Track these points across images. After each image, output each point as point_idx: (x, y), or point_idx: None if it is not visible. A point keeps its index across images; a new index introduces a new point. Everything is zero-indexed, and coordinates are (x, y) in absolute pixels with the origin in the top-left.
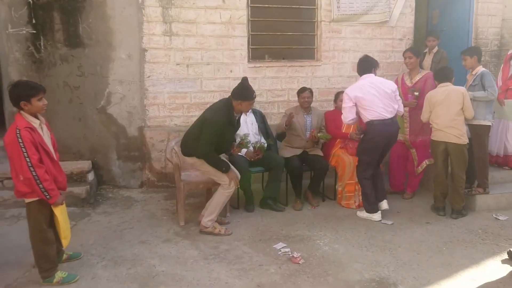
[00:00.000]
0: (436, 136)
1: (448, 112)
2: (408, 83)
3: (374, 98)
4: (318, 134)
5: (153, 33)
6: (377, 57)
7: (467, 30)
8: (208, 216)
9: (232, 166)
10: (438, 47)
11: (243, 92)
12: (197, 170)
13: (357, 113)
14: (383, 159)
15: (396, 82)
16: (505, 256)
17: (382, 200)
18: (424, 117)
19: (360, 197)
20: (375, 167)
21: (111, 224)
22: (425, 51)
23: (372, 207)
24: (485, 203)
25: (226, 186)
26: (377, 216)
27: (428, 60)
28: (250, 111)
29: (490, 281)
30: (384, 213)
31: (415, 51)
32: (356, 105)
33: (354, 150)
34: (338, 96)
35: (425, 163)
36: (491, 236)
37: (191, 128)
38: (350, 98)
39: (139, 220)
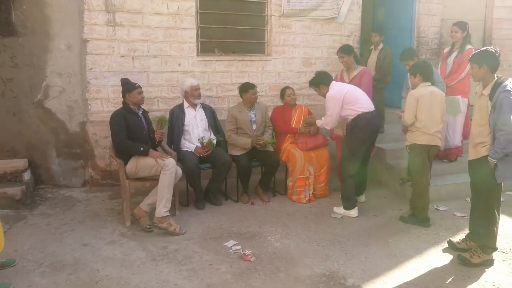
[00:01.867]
0: (424, 140)
1: (436, 114)
2: (346, 79)
3: (358, 92)
4: (264, 141)
5: (95, 22)
6: (326, 53)
7: (410, 28)
8: (148, 199)
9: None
10: (383, 44)
11: (125, 87)
12: (139, 173)
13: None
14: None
15: (336, 78)
16: (446, 245)
17: (361, 194)
18: (410, 118)
19: (311, 192)
20: (360, 162)
21: (50, 227)
22: (370, 47)
23: (351, 204)
24: None
25: (164, 168)
26: (354, 212)
27: (373, 57)
28: (199, 105)
29: (433, 269)
30: (332, 207)
31: (346, 50)
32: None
33: (305, 145)
34: (285, 91)
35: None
36: (432, 227)
37: None
38: (339, 99)
39: (81, 222)
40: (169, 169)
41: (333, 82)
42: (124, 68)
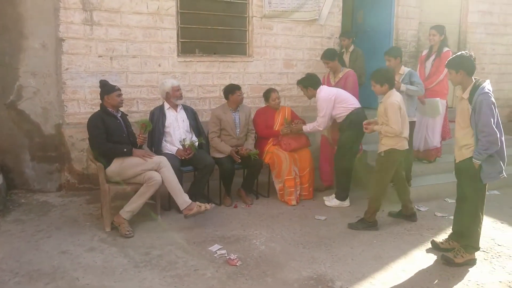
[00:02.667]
0: (403, 145)
1: (407, 119)
2: (332, 81)
3: (345, 93)
4: (245, 151)
5: (71, 21)
6: (307, 55)
7: (388, 31)
8: (127, 207)
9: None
10: (354, 46)
11: (103, 89)
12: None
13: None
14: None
15: (323, 80)
16: (429, 245)
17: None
18: (399, 128)
19: (298, 193)
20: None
21: (25, 234)
22: (342, 50)
23: (346, 195)
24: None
25: (147, 181)
26: (347, 203)
27: (346, 59)
28: (181, 107)
29: (418, 270)
30: (317, 209)
31: (330, 56)
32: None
33: (289, 146)
34: (270, 94)
35: None
36: (415, 227)
37: None
38: (331, 100)
39: (58, 228)
40: (164, 166)
41: (322, 86)
42: (102, 68)
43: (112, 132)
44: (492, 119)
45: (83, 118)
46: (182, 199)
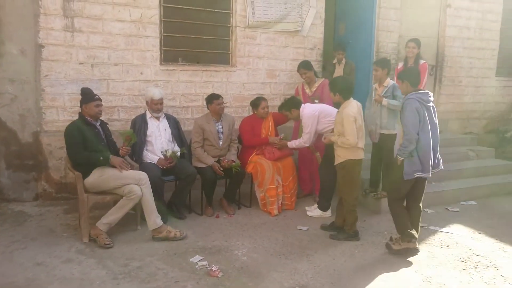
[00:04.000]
0: (359, 155)
1: (363, 129)
2: (308, 92)
3: (328, 107)
4: (229, 164)
5: (52, 27)
6: (290, 65)
7: (369, 43)
8: (105, 218)
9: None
10: (345, 59)
11: (82, 98)
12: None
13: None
14: None
15: (297, 90)
16: (410, 255)
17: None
18: (354, 139)
19: (280, 202)
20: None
21: None
22: (334, 62)
23: (328, 205)
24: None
25: (127, 195)
26: (329, 213)
27: (339, 71)
28: (163, 116)
29: (400, 281)
30: (299, 219)
31: (308, 65)
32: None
33: (272, 155)
34: (260, 103)
35: None
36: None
37: None
38: (315, 116)
39: (34, 239)
40: (144, 184)
41: (303, 104)
42: (83, 75)
43: (90, 142)
44: (412, 121)
45: (62, 126)
46: (153, 220)
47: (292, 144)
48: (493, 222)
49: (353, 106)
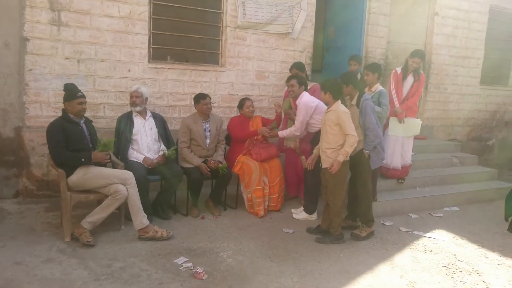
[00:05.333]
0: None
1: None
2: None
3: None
4: (216, 166)
5: (38, 20)
6: (279, 67)
7: (358, 48)
8: (90, 217)
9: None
10: (359, 73)
11: (65, 94)
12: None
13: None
14: None
15: (287, 92)
16: (396, 260)
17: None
18: (355, 131)
19: (266, 204)
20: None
21: None
22: None
23: (314, 208)
24: (374, 210)
25: (114, 194)
26: (314, 216)
27: None
28: (149, 114)
29: (384, 285)
30: (285, 221)
31: (300, 67)
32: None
33: (259, 155)
34: (244, 103)
35: None
36: (380, 242)
37: None
38: (311, 107)
39: (13, 237)
40: (130, 183)
41: (303, 92)
42: (68, 71)
43: (73, 140)
44: (375, 119)
45: (45, 121)
46: (139, 219)
47: (283, 133)
48: (475, 228)
49: (343, 106)
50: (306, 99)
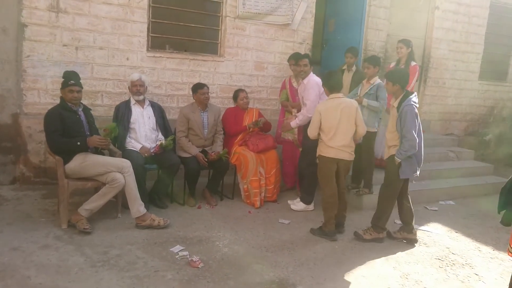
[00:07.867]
0: (330, 153)
1: (346, 129)
2: (295, 85)
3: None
4: (215, 156)
5: (36, 6)
6: (279, 58)
7: (358, 41)
8: (87, 205)
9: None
10: (356, 66)
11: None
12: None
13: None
14: None
15: (284, 84)
16: (390, 253)
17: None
18: (312, 133)
19: (263, 195)
20: None
21: None
22: (343, 67)
23: (311, 199)
24: (370, 202)
25: (111, 182)
26: (311, 206)
27: (347, 79)
28: (147, 103)
29: (378, 276)
30: (281, 212)
31: (302, 56)
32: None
33: (256, 146)
34: (238, 94)
35: None
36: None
37: None
38: (320, 87)
39: (10, 223)
40: (127, 172)
41: (311, 73)
42: (66, 58)
43: (70, 128)
44: (415, 128)
45: (43, 108)
46: (137, 208)
47: (296, 122)
48: (469, 222)
49: (330, 102)
50: (316, 78)
